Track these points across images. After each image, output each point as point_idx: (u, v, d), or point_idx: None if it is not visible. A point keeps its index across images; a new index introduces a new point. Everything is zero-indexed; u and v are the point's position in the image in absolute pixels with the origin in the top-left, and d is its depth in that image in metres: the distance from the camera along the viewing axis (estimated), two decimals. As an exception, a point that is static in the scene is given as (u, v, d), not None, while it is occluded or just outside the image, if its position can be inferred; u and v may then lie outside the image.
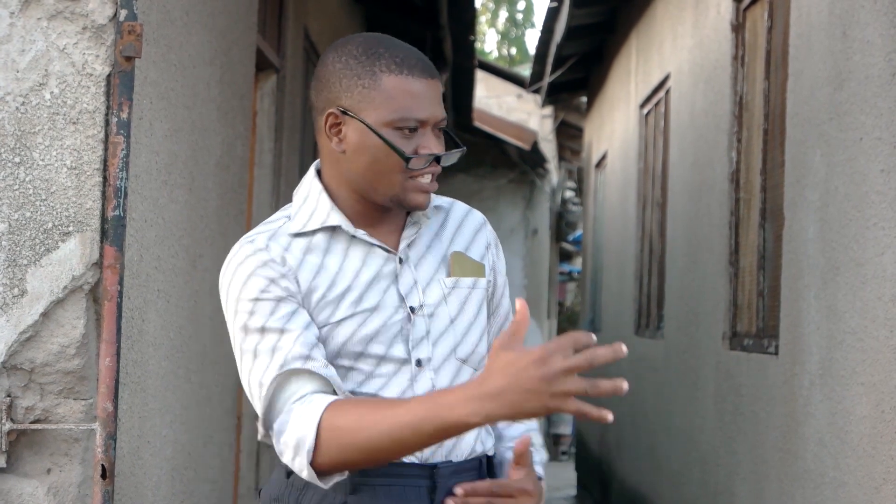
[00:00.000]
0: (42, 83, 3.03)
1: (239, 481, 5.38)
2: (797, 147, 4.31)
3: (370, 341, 2.07)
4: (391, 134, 2.04)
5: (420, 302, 2.11)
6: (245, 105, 4.91)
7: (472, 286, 2.17)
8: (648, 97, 8.20)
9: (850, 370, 3.64)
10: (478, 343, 2.17)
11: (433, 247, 2.17)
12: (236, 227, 4.78)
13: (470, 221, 2.24)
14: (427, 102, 2.05)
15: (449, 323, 2.13)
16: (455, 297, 2.14)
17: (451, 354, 2.12)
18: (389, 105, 2.04)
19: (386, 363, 2.08)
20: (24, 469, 3.02)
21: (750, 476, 4.90)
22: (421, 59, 2.07)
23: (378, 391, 2.07)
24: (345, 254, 2.10)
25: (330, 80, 2.08)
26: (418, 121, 2.05)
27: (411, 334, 2.09)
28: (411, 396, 2.02)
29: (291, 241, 2.09)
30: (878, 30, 3.48)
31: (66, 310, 3.00)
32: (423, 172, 2.06)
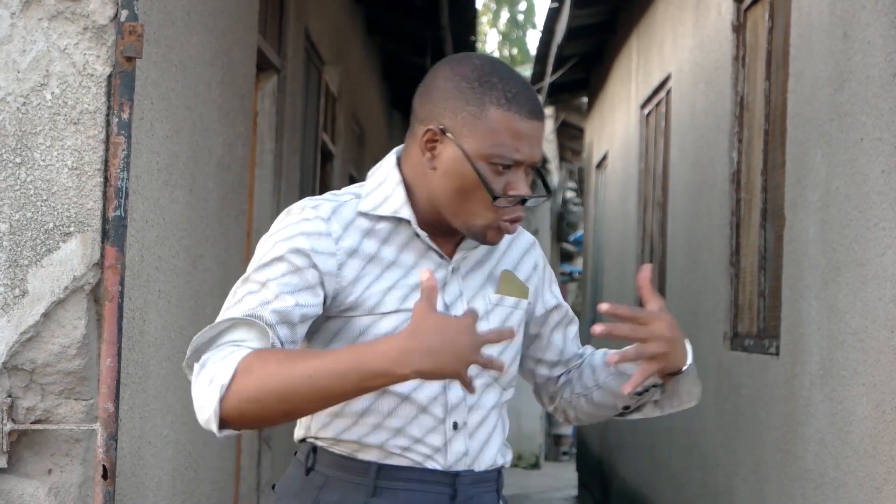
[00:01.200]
0: (43, 83, 3.03)
1: (240, 481, 5.38)
2: (798, 147, 4.31)
3: None
4: (485, 168, 2.04)
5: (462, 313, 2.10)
6: (246, 105, 4.91)
7: (515, 306, 2.18)
8: (649, 97, 8.19)
9: (850, 370, 3.64)
10: (512, 362, 2.18)
11: (483, 262, 2.18)
12: (237, 228, 4.78)
13: (519, 241, 2.26)
14: (528, 144, 2.04)
15: None
16: (497, 314, 2.16)
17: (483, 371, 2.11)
18: (491, 139, 2.03)
19: None
20: (25, 469, 3.02)
21: (750, 476, 4.90)
22: (532, 99, 2.06)
23: (410, 392, 2.07)
24: (401, 249, 2.10)
25: (439, 95, 2.06)
26: (513, 160, 2.04)
27: None
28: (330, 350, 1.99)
29: (355, 219, 2.08)
30: (879, 30, 3.48)
31: (67, 310, 3.00)
32: (507, 212, 2.06)
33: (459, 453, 2.09)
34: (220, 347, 1.96)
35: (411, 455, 2.07)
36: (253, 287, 2.01)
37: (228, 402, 1.91)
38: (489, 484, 2.14)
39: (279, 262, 2.02)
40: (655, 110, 8.06)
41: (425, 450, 2.07)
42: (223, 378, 1.90)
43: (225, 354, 1.93)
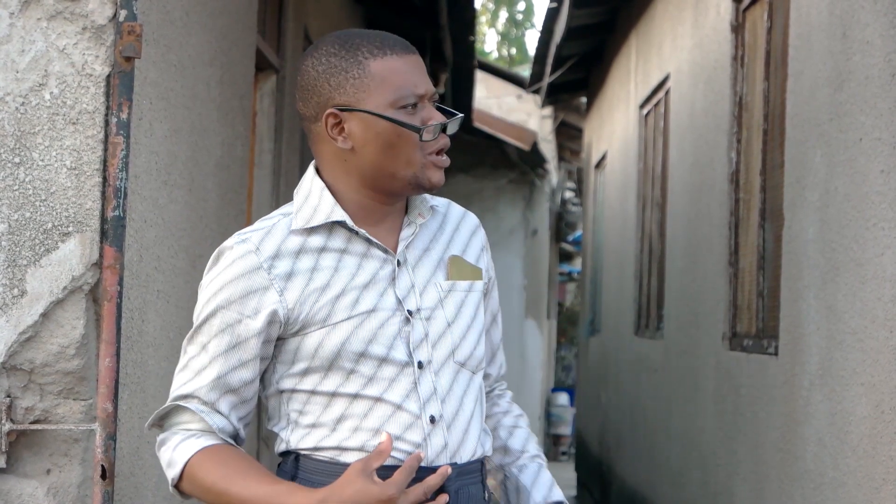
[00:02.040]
0: (42, 83, 3.02)
1: (239, 482, 5.37)
2: (797, 147, 4.31)
3: (370, 342, 2.06)
4: (396, 114, 2.05)
5: (417, 305, 2.10)
6: (245, 105, 4.91)
7: (469, 289, 2.17)
8: (648, 97, 8.20)
9: (849, 370, 3.64)
10: (476, 346, 2.16)
11: (431, 249, 2.16)
12: (236, 228, 4.79)
13: (466, 224, 2.24)
14: (419, 77, 2.06)
15: (446, 326, 2.12)
16: (451, 300, 2.14)
17: (449, 357, 2.11)
18: (385, 87, 2.04)
19: (387, 365, 2.06)
20: (24, 469, 3.02)
21: (750, 476, 4.90)
22: (397, 39, 2.08)
23: (381, 394, 2.06)
24: (341, 254, 2.09)
25: (316, 84, 2.07)
26: (417, 95, 2.05)
27: (411, 336, 2.09)
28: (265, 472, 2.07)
29: (286, 240, 2.08)
30: (878, 30, 3.48)
31: (65, 310, 3.00)
32: (433, 145, 2.06)
33: (439, 447, 2.07)
34: (172, 430, 2.11)
35: (393, 454, 2.06)
36: (193, 351, 2.10)
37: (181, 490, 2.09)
38: (474, 475, 2.13)
39: (212, 320, 2.08)
40: (654, 110, 8.06)
41: (406, 447, 2.06)
42: (174, 470, 2.07)
43: (176, 443, 2.08)
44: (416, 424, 2.07)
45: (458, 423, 2.10)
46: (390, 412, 2.06)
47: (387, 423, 2.06)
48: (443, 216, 2.21)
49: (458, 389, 2.12)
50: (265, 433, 5.62)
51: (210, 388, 2.07)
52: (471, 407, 2.13)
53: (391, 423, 2.06)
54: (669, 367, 6.93)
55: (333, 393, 2.07)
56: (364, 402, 2.06)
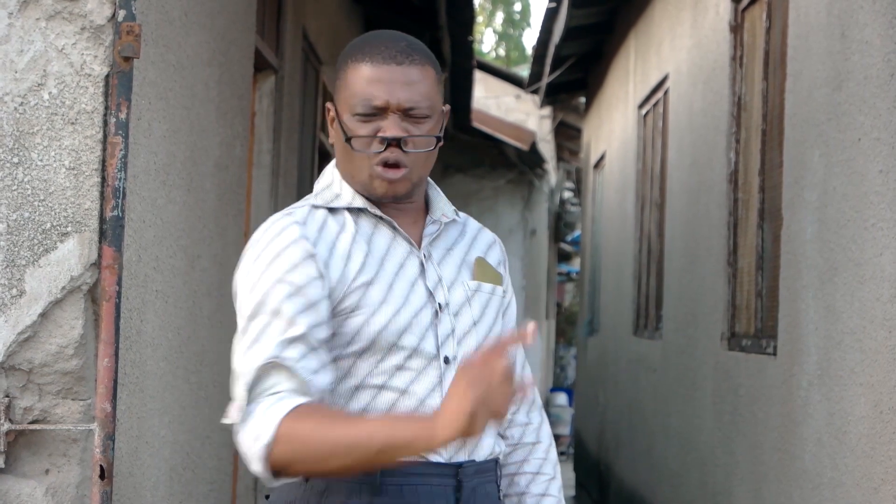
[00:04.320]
0: (40, 83, 3.02)
1: (237, 481, 5.37)
2: (796, 147, 4.31)
3: (403, 332, 2.06)
4: (350, 119, 2.06)
5: (445, 300, 2.12)
6: (243, 105, 4.91)
7: (492, 293, 2.19)
8: (647, 98, 8.20)
9: (848, 370, 3.64)
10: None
11: (454, 250, 2.18)
12: (235, 228, 4.78)
13: (483, 237, 2.27)
14: (385, 88, 2.04)
15: (472, 324, 2.13)
16: (478, 300, 2.16)
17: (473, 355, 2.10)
18: (349, 92, 2.07)
19: (416, 357, 2.07)
20: (23, 469, 3.02)
21: (748, 476, 4.90)
22: (395, 48, 2.06)
23: (408, 386, 2.06)
24: (370, 238, 2.11)
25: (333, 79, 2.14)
26: (374, 107, 2.05)
27: (439, 330, 2.09)
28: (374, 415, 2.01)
29: (327, 218, 2.11)
30: (877, 30, 3.48)
31: (64, 310, 3.00)
32: (378, 157, 2.05)
33: (458, 443, 2.05)
34: (259, 399, 1.97)
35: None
36: (265, 320, 2.01)
37: (272, 461, 1.94)
38: (490, 474, 2.14)
39: (281, 285, 2.01)
40: (653, 110, 8.06)
41: None
42: (265, 437, 1.92)
43: (266, 408, 1.95)
44: None
45: None
46: (414, 406, 2.05)
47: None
48: (462, 226, 2.24)
49: None
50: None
51: (297, 345, 1.98)
52: None
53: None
54: (668, 367, 6.93)
55: (359, 385, 2.06)
56: (389, 393, 2.06)
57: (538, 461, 2.29)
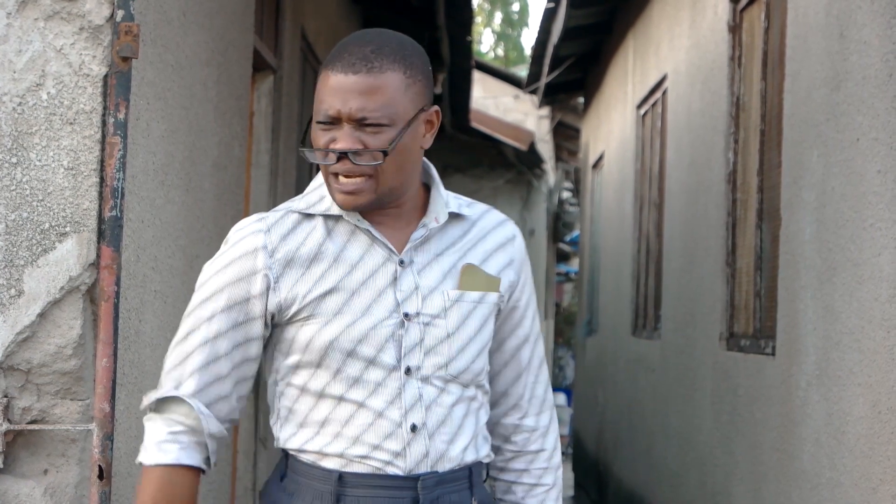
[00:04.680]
0: (39, 84, 3.02)
1: (236, 482, 5.37)
2: (794, 148, 4.31)
3: (360, 342, 2.04)
4: (314, 128, 2.05)
5: (417, 309, 2.07)
6: (242, 106, 4.91)
7: (479, 301, 2.12)
8: (645, 98, 8.20)
9: (846, 371, 3.64)
10: (474, 360, 2.11)
11: (445, 255, 2.12)
12: (233, 228, 4.78)
13: (498, 233, 2.18)
14: (339, 98, 2.00)
15: (445, 336, 2.09)
16: (457, 310, 2.10)
17: (442, 368, 2.08)
18: (315, 100, 2.05)
19: (374, 368, 2.05)
20: (21, 470, 3.02)
21: (747, 476, 4.90)
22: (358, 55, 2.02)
23: (365, 399, 2.05)
24: (343, 245, 2.08)
25: None
26: (329, 116, 2.02)
27: (404, 340, 2.06)
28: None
29: (297, 225, 2.09)
30: (876, 30, 3.48)
31: (62, 310, 3.00)
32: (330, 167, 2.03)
33: (420, 455, 2.06)
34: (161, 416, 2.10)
35: (370, 462, 2.05)
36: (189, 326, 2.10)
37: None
38: (458, 483, 2.11)
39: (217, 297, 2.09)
40: (652, 111, 8.06)
41: (384, 456, 2.05)
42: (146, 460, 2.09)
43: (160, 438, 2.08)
44: (396, 433, 2.05)
45: (442, 433, 2.08)
46: (371, 419, 2.05)
47: (366, 431, 2.05)
48: (471, 223, 2.17)
49: (447, 399, 2.09)
50: (262, 433, 5.62)
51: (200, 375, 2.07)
52: (460, 416, 2.10)
53: (371, 432, 2.05)
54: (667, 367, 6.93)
55: (321, 393, 2.07)
56: (347, 406, 2.05)
57: (538, 471, 2.25)
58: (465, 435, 2.11)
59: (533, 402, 2.25)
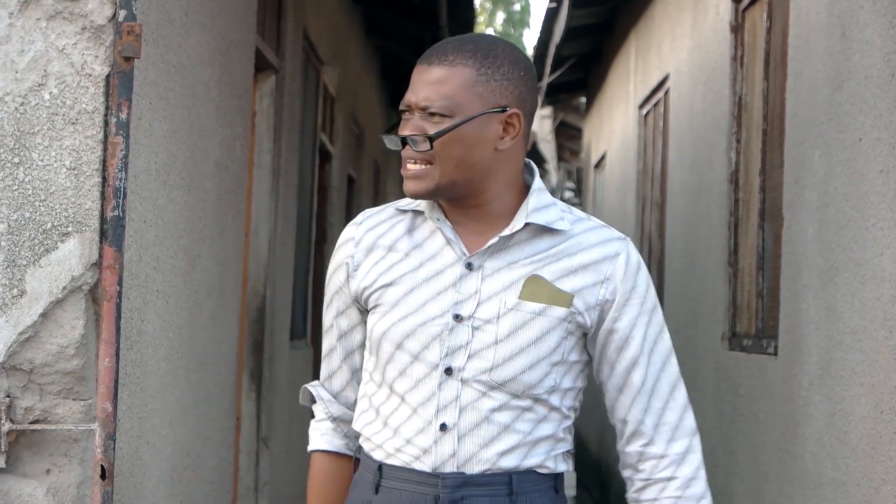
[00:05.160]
0: (41, 83, 3.02)
1: (238, 482, 5.38)
2: (796, 148, 4.31)
3: (407, 336, 2.10)
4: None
5: (471, 312, 2.09)
6: (244, 105, 4.91)
7: (539, 313, 2.09)
8: (647, 98, 8.20)
9: (849, 371, 3.64)
10: (525, 371, 2.08)
11: (520, 264, 2.11)
12: (235, 228, 4.78)
13: (595, 251, 2.14)
14: (414, 87, 2.09)
15: (493, 342, 2.08)
16: (510, 318, 2.09)
17: (485, 373, 2.08)
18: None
19: (418, 364, 2.09)
20: (24, 469, 3.02)
21: (749, 476, 4.90)
22: (439, 49, 2.10)
23: (405, 393, 2.11)
24: (421, 241, 2.16)
25: None
26: (403, 104, 2.11)
27: (449, 341, 2.08)
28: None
29: (389, 217, 2.21)
30: (878, 30, 3.48)
31: (65, 310, 3.00)
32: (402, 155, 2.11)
33: (446, 455, 2.08)
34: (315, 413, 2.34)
35: (402, 456, 2.10)
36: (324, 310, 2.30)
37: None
38: (487, 488, 2.09)
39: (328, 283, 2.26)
40: (654, 110, 8.06)
41: (414, 451, 2.09)
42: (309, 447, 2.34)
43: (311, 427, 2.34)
44: (426, 430, 2.09)
45: (476, 435, 2.08)
46: (409, 414, 2.11)
47: (404, 424, 2.11)
48: (566, 237, 2.14)
49: (487, 403, 2.08)
50: (265, 433, 5.62)
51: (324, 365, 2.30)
52: (504, 421, 2.09)
53: (407, 426, 2.10)
54: (669, 367, 6.91)
55: (379, 383, 2.16)
56: (395, 399, 2.13)
57: (670, 500, 2.19)
58: (507, 440, 2.10)
59: (660, 428, 2.19)
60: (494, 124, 2.09)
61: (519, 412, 2.10)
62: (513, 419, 2.09)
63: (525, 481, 2.12)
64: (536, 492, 2.13)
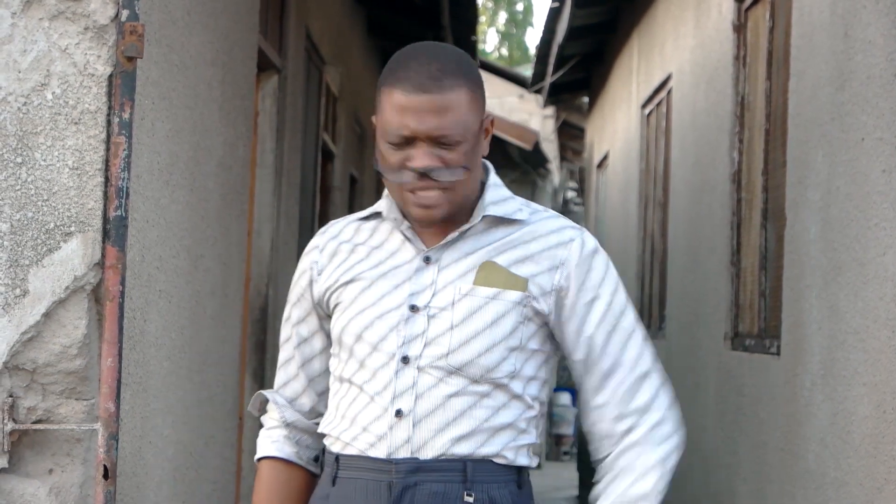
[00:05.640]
0: (44, 83, 3.02)
1: (241, 481, 5.38)
2: (799, 147, 4.31)
3: (366, 329, 2.15)
4: (385, 146, 2.10)
5: (426, 302, 2.13)
6: (246, 105, 4.91)
7: (493, 297, 2.13)
8: (650, 97, 8.19)
9: (851, 370, 3.64)
10: (482, 354, 2.11)
11: (475, 254, 2.16)
12: (238, 228, 4.78)
13: (549, 238, 2.19)
14: (414, 118, 2.05)
15: (449, 328, 2.12)
16: (465, 303, 2.12)
17: (442, 358, 2.11)
18: (384, 118, 2.09)
19: (376, 354, 2.14)
20: (27, 469, 3.02)
21: (751, 476, 4.90)
22: (426, 74, 2.06)
23: (364, 384, 2.15)
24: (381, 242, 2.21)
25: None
26: (403, 136, 2.07)
27: (405, 330, 2.13)
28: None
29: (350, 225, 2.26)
30: (880, 30, 3.48)
31: (67, 310, 3.00)
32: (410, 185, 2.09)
33: (401, 440, 2.10)
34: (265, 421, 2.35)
35: (358, 444, 2.14)
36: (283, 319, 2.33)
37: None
38: (444, 473, 2.10)
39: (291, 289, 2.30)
40: (656, 110, 8.06)
41: (370, 438, 2.13)
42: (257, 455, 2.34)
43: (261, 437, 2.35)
44: (382, 417, 2.12)
45: (431, 421, 2.11)
46: (366, 402, 2.14)
47: (360, 413, 2.14)
48: (521, 227, 2.19)
49: (444, 389, 2.11)
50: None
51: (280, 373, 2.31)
52: (460, 408, 2.11)
53: (363, 414, 2.14)
54: (671, 366, 6.92)
55: (339, 378, 2.20)
56: (353, 389, 2.16)
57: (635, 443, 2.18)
58: (462, 426, 2.11)
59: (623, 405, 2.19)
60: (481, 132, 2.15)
61: (477, 398, 2.12)
62: (469, 405, 2.11)
63: (480, 470, 2.12)
64: (494, 483, 2.14)
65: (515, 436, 2.16)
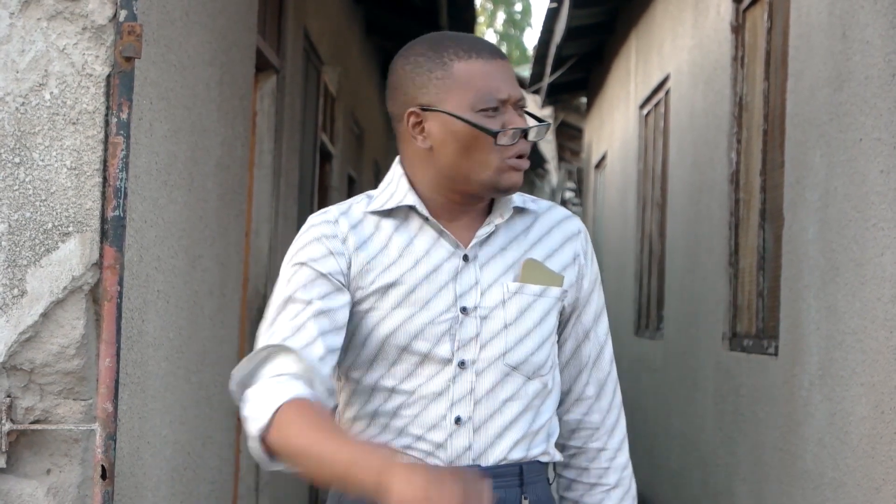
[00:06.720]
0: (42, 84, 3.02)
1: (239, 482, 5.38)
2: (797, 148, 4.31)
3: (415, 337, 2.07)
4: (475, 117, 2.05)
5: (475, 303, 2.09)
6: (245, 105, 4.91)
7: (540, 294, 2.13)
8: (648, 98, 8.20)
9: (849, 371, 3.64)
10: (535, 352, 2.12)
11: (509, 249, 2.15)
12: (236, 228, 4.78)
13: (562, 229, 2.21)
14: (503, 82, 2.06)
15: (503, 327, 2.10)
16: (515, 302, 2.11)
17: (499, 359, 2.09)
18: (466, 89, 2.05)
19: (428, 362, 2.07)
20: (24, 469, 3.02)
21: (750, 476, 4.90)
22: (486, 44, 2.09)
23: (417, 387, 2.07)
24: (411, 239, 2.11)
25: (403, 83, 2.09)
26: (498, 100, 2.06)
27: (459, 334, 2.08)
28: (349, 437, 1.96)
29: (364, 218, 2.13)
30: (878, 30, 3.48)
31: (65, 310, 3.00)
32: (512, 149, 2.06)
33: (462, 448, 2.07)
34: (260, 382, 1.98)
35: (412, 453, 2.07)
36: (280, 304, 2.06)
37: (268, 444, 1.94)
38: (504, 479, 2.10)
39: (303, 270, 2.06)
40: (654, 110, 8.06)
41: (427, 446, 2.07)
42: (260, 422, 1.93)
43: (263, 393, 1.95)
44: (440, 425, 2.07)
45: (489, 427, 2.09)
46: (418, 411, 2.07)
47: (412, 422, 2.07)
48: (534, 218, 2.20)
49: (501, 392, 2.10)
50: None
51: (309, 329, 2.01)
52: (515, 411, 2.11)
53: (416, 423, 2.07)
54: (669, 367, 6.93)
55: (374, 386, 2.09)
56: (399, 396, 2.08)
57: (599, 471, 2.25)
58: (516, 432, 2.11)
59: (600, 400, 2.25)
60: None
61: (528, 400, 2.12)
62: (521, 409, 2.11)
63: (531, 471, 2.14)
64: (539, 482, 2.16)
65: (551, 432, 2.19)
